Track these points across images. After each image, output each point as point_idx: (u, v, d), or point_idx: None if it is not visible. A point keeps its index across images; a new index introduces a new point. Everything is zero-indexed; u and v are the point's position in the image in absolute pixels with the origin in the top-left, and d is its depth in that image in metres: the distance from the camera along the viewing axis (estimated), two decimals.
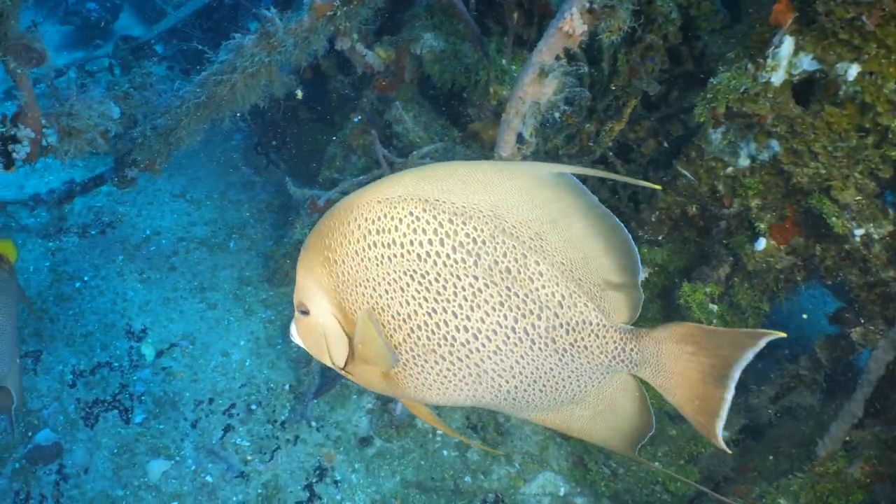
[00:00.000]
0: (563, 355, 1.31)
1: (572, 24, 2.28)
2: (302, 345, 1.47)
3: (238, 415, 3.57)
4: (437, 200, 1.26)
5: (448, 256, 1.26)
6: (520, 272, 1.26)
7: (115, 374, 3.70)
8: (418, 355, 1.33)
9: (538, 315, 1.28)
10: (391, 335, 1.33)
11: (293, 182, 3.11)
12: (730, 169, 2.58)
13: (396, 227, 1.28)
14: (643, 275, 3.07)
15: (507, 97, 2.93)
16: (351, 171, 3.35)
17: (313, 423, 3.54)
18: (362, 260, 1.30)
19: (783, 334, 1.23)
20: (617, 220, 1.25)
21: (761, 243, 2.58)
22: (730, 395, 1.25)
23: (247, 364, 3.78)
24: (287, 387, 3.68)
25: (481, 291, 1.27)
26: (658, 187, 1.46)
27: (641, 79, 2.71)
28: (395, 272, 1.29)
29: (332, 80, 3.92)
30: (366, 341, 1.34)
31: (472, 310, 1.28)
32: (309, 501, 3.31)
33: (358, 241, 1.30)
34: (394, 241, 1.28)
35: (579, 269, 1.27)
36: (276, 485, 3.35)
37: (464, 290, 1.27)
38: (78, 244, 4.39)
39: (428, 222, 1.26)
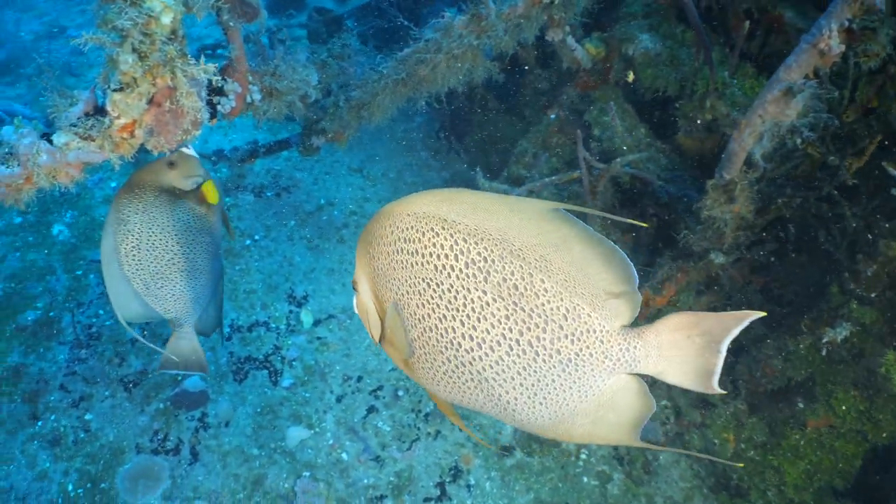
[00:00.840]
0: (566, 365, 1.41)
1: (829, 43, 2.02)
2: (358, 315, 1.68)
3: (384, 398, 3.51)
4: (454, 221, 1.41)
5: (461, 271, 1.41)
6: (527, 289, 1.38)
7: (271, 334, 3.74)
8: (428, 353, 1.50)
9: (543, 328, 1.39)
10: (409, 330, 1.51)
11: (482, 174, 2.98)
12: None
13: (419, 238, 1.45)
14: (844, 332, 2.78)
15: (727, 113, 2.70)
16: (540, 170, 3.19)
17: None
18: (391, 261, 1.50)
19: (764, 313, 1.39)
20: (611, 242, 1.37)
21: None
22: (721, 360, 1.37)
23: None
24: None
25: (489, 305, 1.41)
26: (644, 225, 1.45)
27: (892, 113, 2.39)
28: (416, 277, 1.47)
29: (528, 73, 3.77)
30: (392, 328, 1.54)
31: (478, 321, 1.42)
32: (439, 500, 3.21)
33: (390, 245, 1.49)
34: (416, 251, 1.46)
35: (582, 285, 1.38)
36: (409, 476, 3.27)
37: (472, 302, 1.41)
38: (253, 203, 4.49)
39: (445, 239, 1.42)
